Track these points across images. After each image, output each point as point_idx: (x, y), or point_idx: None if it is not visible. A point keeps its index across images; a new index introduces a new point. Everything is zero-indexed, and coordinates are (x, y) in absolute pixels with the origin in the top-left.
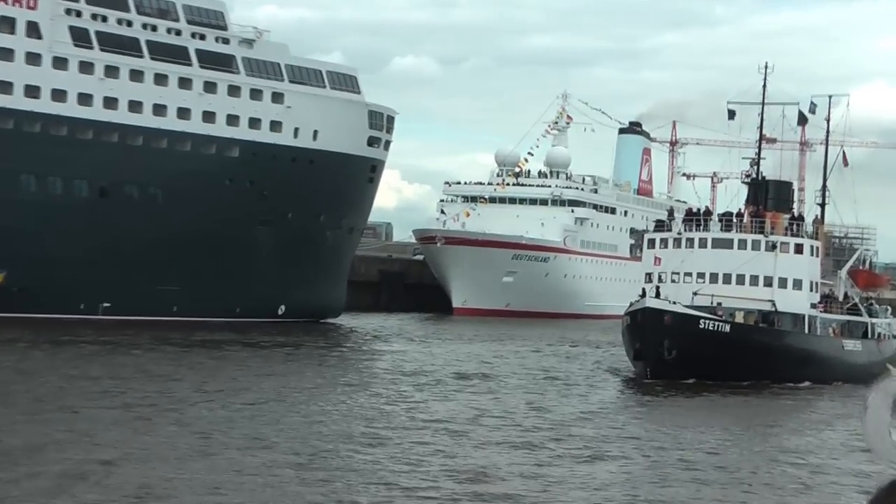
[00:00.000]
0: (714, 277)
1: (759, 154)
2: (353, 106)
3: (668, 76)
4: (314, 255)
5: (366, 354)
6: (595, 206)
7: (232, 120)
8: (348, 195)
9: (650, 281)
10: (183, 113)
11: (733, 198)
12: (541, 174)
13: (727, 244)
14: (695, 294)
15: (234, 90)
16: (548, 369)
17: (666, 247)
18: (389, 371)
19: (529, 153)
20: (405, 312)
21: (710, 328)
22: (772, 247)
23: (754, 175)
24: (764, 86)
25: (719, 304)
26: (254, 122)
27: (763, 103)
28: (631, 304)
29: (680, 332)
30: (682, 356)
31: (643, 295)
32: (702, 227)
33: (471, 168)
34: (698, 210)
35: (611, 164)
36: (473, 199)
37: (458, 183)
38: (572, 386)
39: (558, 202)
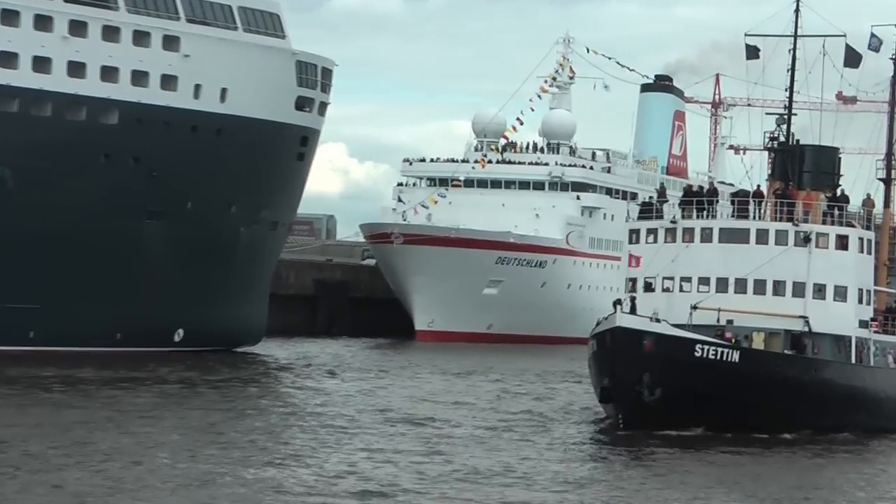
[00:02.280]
0: (722, 284)
1: (789, 106)
2: (276, 55)
3: (710, 13)
4: (223, 261)
5: (280, 398)
6: (609, 192)
7: (108, 74)
8: (270, 178)
9: (629, 289)
10: (40, 64)
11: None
12: (535, 148)
13: (741, 236)
14: (694, 308)
15: (110, 33)
16: (513, 416)
17: (655, 240)
18: (300, 415)
19: (519, 120)
20: (351, 337)
21: (711, 356)
22: (804, 240)
23: (782, 137)
24: (797, 10)
25: (729, 321)
26: (138, 77)
27: (795, 35)
28: (598, 323)
29: (666, 363)
30: (669, 397)
31: (615, 306)
32: (706, 213)
33: (440, 140)
34: (700, 188)
35: (630, 133)
36: (443, 182)
37: (423, 160)
38: (537, 433)
39: (559, 186)
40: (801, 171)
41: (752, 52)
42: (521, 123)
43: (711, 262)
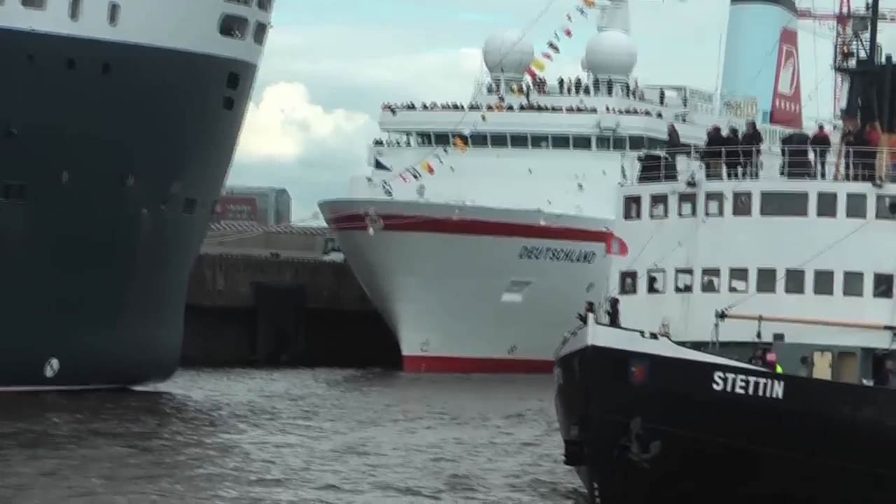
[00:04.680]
0: (766, 280)
1: (873, 15)
2: None
3: None
4: (116, 259)
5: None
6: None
7: None
8: (184, 136)
9: (626, 288)
10: None
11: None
12: (577, 87)
13: (795, 205)
14: (722, 317)
15: None
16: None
17: (664, 212)
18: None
19: (552, 46)
20: (308, 367)
21: (740, 390)
22: (892, 209)
23: (863, 52)
24: None
25: (777, 336)
26: None
27: None
28: (564, 340)
29: (668, 402)
30: (671, 456)
31: (585, 317)
32: (740, 171)
33: (438, 79)
34: (734, 131)
35: (717, 64)
36: (442, 138)
37: (412, 108)
38: None
39: (611, 143)
40: (893, 103)
41: None
42: (556, 51)
43: (750, 246)
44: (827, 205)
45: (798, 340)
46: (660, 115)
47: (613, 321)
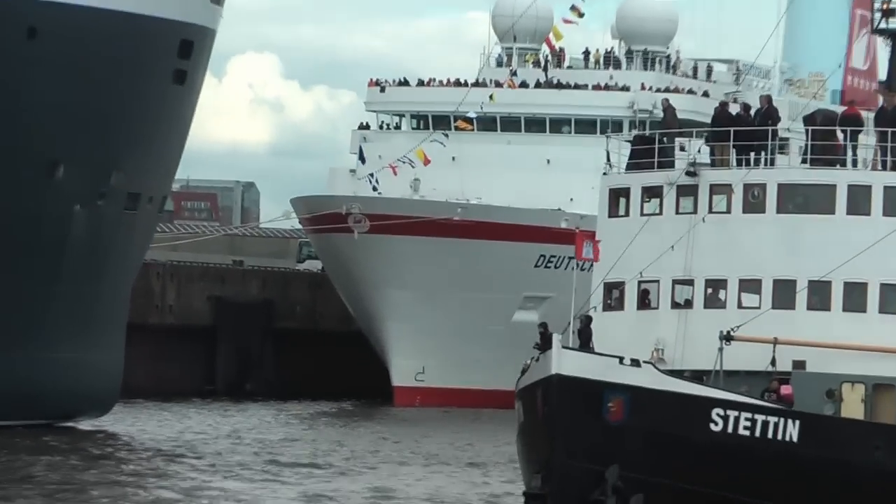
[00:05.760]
0: (784, 293)
1: None
2: None
3: None
4: (42, 265)
5: None
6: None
7: None
8: (126, 116)
9: (611, 303)
10: None
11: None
12: (607, 60)
13: (820, 200)
14: (728, 338)
15: None
16: None
17: (659, 208)
18: None
19: (575, 10)
20: (278, 399)
21: (745, 430)
22: None
23: None
24: None
25: (798, 364)
26: None
27: None
28: (525, 368)
29: (653, 445)
30: None
31: (544, 341)
32: (753, 158)
33: (437, 49)
34: (746, 107)
35: (776, 34)
36: (440, 121)
37: (405, 84)
38: None
39: (645, 127)
40: None
41: None
42: (580, 16)
43: (764, 251)
44: (860, 200)
45: (823, 369)
46: (706, 94)
47: (585, 344)
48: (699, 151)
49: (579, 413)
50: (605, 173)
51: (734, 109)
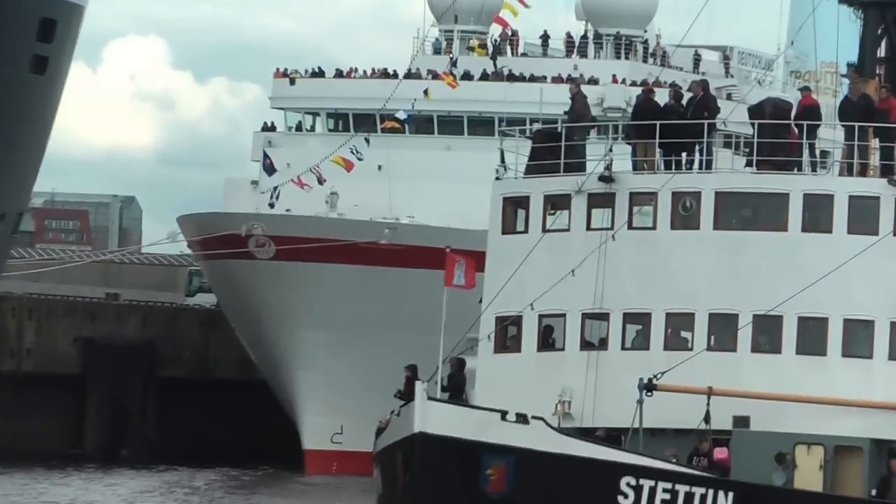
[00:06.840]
0: (722, 329)
1: None
2: None
3: None
4: None
5: None
6: (728, 141)
7: None
8: None
9: (505, 343)
10: None
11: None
12: (569, 47)
13: (768, 214)
14: (649, 388)
15: None
16: None
17: (566, 222)
18: None
19: None
20: (161, 466)
21: (661, 503)
22: None
23: None
24: None
25: (740, 420)
26: None
27: None
28: (381, 426)
29: None
30: None
31: (405, 392)
32: (685, 159)
33: (360, 33)
34: (677, 93)
35: (779, 17)
36: (363, 120)
37: (318, 74)
38: None
39: (618, 129)
40: None
41: None
42: None
43: (697, 277)
44: (819, 213)
45: (772, 428)
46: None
47: (456, 395)
48: (611, 149)
49: (450, 483)
50: (497, 178)
51: (662, 98)
